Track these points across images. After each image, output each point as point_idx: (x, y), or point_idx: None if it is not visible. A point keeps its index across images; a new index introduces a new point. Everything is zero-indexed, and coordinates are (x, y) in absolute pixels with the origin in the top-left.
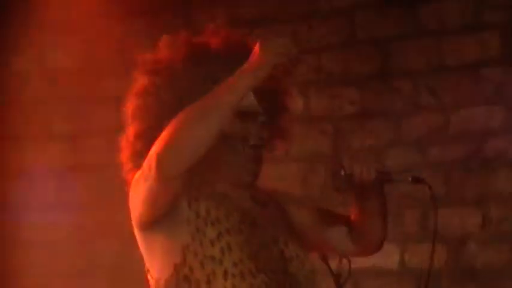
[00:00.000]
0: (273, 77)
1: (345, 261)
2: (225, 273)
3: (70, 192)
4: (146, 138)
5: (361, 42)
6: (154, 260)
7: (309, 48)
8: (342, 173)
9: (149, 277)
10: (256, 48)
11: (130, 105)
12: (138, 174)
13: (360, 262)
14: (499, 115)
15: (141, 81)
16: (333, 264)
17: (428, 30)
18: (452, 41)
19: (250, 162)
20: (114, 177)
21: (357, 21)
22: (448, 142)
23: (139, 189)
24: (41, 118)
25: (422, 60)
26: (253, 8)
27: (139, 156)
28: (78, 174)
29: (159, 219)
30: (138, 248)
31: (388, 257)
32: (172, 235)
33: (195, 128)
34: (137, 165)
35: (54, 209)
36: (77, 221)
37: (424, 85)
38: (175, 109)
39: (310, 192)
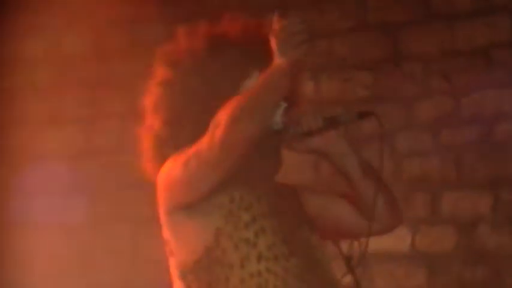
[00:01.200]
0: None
1: (356, 244)
2: (259, 256)
3: (83, 176)
4: (174, 125)
5: (373, 27)
6: (183, 242)
7: (320, 33)
8: (291, 129)
9: (172, 260)
10: (273, 43)
11: (152, 96)
12: (180, 156)
13: (371, 245)
14: (511, 98)
15: (162, 72)
16: (344, 247)
17: (439, 14)
18: (463, 24)
19: (275, 149)
20: (126, 161)
21: (369, 6)
22: (459, 125)
23: (187, 172)
24: (53, 103)
25: (434, 44)
26: None
27: (165, 144)
28: (90, 159)
29: (196, 203)
30: (152, 232)
31: (399, 240)
32: (205, 218)
33: (250, 119)
34: (163, 152)
35: (66, 193)
36: (90, 206)
37: (436, 69)
38: (203, 96)
39: (320, 178)
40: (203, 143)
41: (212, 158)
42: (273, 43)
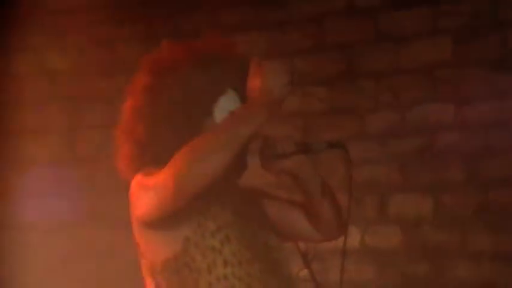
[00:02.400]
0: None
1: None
2: (225, 262)
3: (65, 182)
4: (156, 135)
5: (330, 47)
6: (153, 249)
7: (283, 52)
8: (267, 151)
9: (143, 260)
10: (260, 82)
11: (134, 102)
12: (146, 178)
13: (325, 242)
14: (451, 112)
15: (145, 79)
16: (301, 245)
17: (388, 36)
18: (409, 45)
19: (239, 158)
20: (106, 168)
21: (326, 28)
22: (404, 136)
23: (148, 197)
24: (40, 115)
25: (383, 63)
26: (233, 15)
27: (145, 151)
28: (73, 166)
29: (164, 219)
30: (129, 235)
31: (351, 238)
32: (174, 229)
33: (213, 158)
34: (141, 159)
35: (51, 197)
36: (72, 209)
37: (385, 85)
38: (185, 108)
39: (284, 182)
40: (160, 179)
41: (168, 195)
42: (258, 82)
